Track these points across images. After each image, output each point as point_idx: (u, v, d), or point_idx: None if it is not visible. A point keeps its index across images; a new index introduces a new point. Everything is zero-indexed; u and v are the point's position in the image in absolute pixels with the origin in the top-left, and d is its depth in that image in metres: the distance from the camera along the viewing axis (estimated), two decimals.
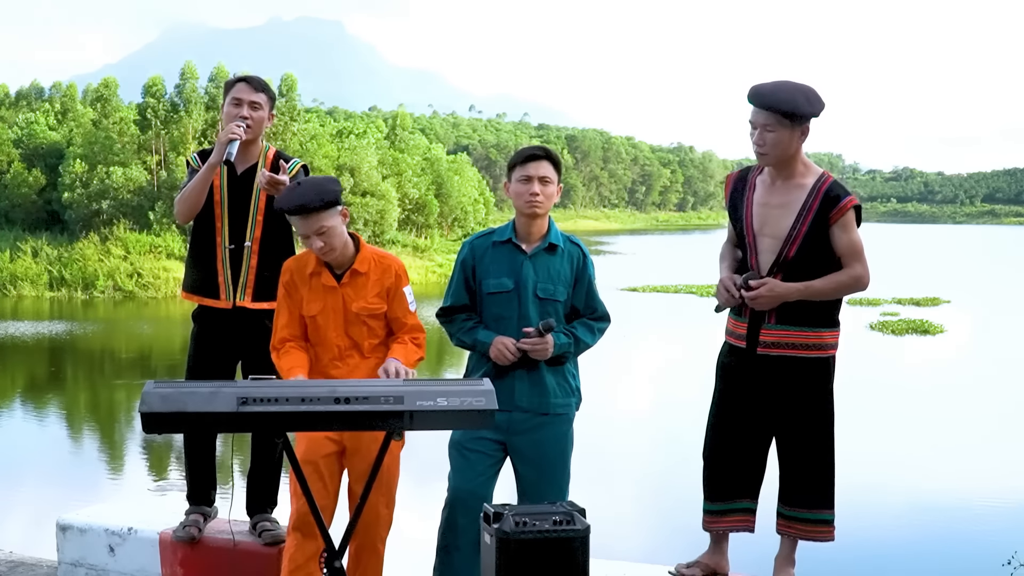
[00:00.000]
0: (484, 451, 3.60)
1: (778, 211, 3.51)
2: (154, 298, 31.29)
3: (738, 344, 3.58)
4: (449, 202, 49.75)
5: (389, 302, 3.62)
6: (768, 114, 3.43)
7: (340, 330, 3.58)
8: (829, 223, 3.45)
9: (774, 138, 3.43)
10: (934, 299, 28.93)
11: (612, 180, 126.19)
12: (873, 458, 10.94)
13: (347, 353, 3.58)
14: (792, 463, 3.57)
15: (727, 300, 3.55)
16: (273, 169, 4.10)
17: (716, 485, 3.64)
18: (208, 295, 4.11)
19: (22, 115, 45.42)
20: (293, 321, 3.61)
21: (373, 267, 3.62)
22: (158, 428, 2.80)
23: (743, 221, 3.59)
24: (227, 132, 3.92)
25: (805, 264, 3.47)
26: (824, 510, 3.56)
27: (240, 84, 4.10)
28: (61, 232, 36.39)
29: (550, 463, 3.63)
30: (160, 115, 37.35)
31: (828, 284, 3.47)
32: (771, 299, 3.46)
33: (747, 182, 3.64)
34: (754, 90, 3.49)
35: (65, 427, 13.88)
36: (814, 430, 3.53)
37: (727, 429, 3.61)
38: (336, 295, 3.58)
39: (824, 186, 3.48)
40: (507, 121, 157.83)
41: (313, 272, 3.60)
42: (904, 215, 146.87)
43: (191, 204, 4.02)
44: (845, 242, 3.47)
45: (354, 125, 50.49)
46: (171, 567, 4.10)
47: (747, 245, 3.58)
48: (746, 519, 3.64)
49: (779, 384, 3.53)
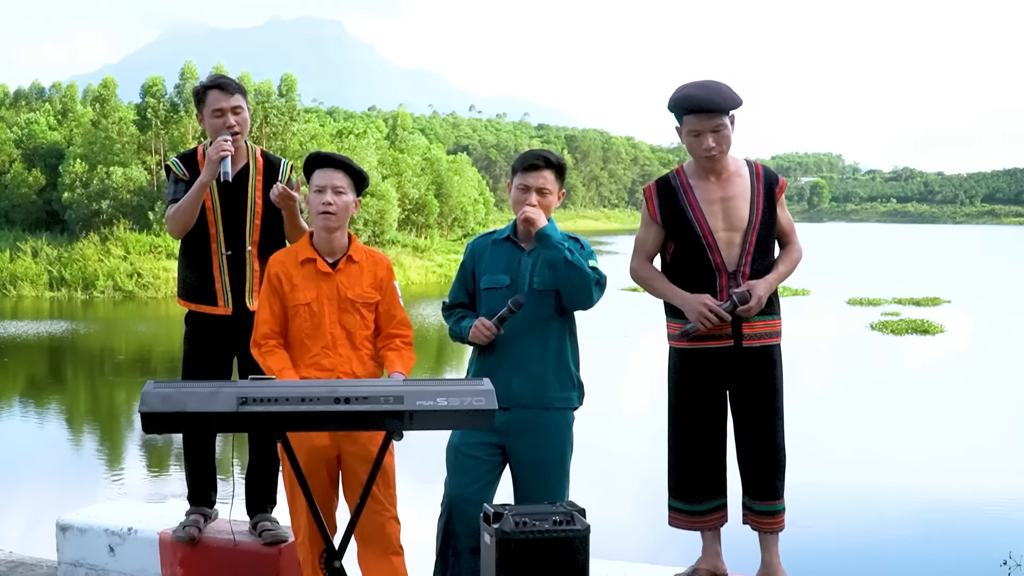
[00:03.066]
0: (482, 456, 3.55)
1: (732, 203, 3.57)
2: (154, 298, 31.30)
3: (721, 344, 3.57)
4: (449, 202, 49.77)
5: (381, 293, 3.61)
6: (715, 115, 3.49)
7: (334, 318, 3.54)
8: (774, 203, 3.61)
9: (725, 135, 3.53)
10: (934, 299, 28.91)
11: (612, 180, 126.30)
12: (872, 458, 10.94)
13: (339, 343, 3.54)
14: (752, 452, 3.63)
15: (714, 326, 3.50)
16: (268, 173, 4.10)
17: (692, 488, 3.67)
18: (205, 302, 4.09)
19: (22, 115, 45.46)
20: (274, 317, 3.56)
21: (366, 258, 3.63)
22: (158, 428, 2.80)
23: (694, 224, 3.56)
24: (216, 149, 3.86)
25: (761, 249, 3.57)
26: (779, 500, 3.63)
27: (214, 92, 4.01)
28: (61, 232, 36.41)
29: (548, 468, 3.58)
30: (160, 115, 37.38)
31: (789, 264, 3.66)
32: (768, 294, 3.54)
33: (675, 187, 3.63)
34: (683, 97, 3.52)
35: (65, 427, 13.88)
36: (775, 415, 3.61)
37: (696, 433, 3.65)
38: (331, 281, 3.55)
39: (760, 171, 3.64)
40: (507, 121, 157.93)
41: (306, 259, 3.56)
42: (904, 215, 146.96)
43: (185, 221, 3.98)
44: (786, 220, 3.68)
45: (354, 125, 50.47)
46: (171, 567, 4.10)
47: (706, 246, 3.55)
48: (723, 513, 3.72)
49: (740, 376, 3.59)
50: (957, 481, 10.34)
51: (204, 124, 4.09)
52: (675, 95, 3.56)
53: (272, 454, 4.18)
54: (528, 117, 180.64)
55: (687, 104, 3.51)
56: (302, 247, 3.60)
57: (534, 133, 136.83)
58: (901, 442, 12.00)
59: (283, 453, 3.15)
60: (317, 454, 3.50)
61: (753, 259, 3.54)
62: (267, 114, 38.69)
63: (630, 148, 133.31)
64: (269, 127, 38.82)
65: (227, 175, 3.87)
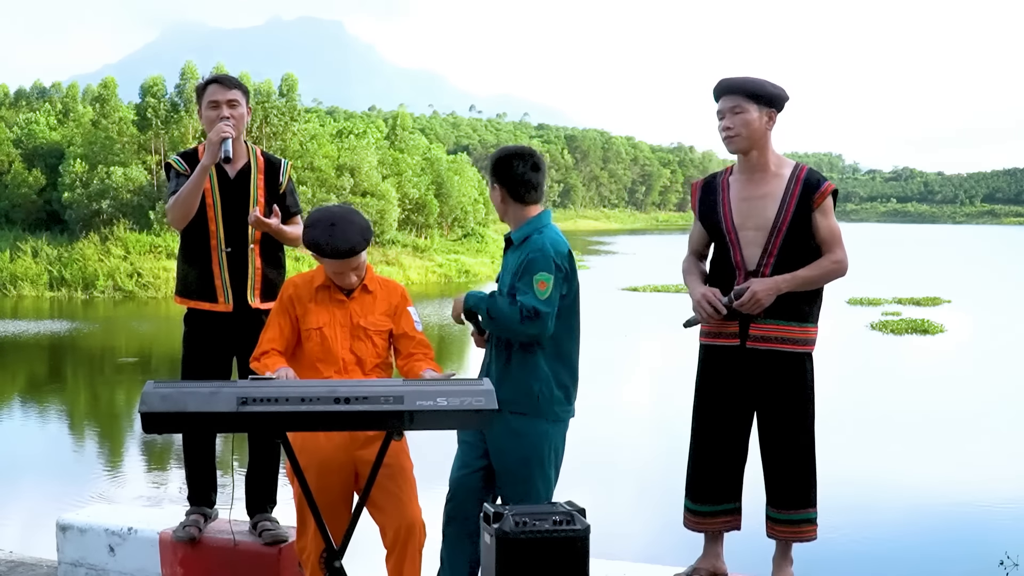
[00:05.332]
0: (469, 441, 3.63)
1: (760, 202, 3.52)
2: (154, 298, 31.27)
3: (728, 343, 3.56)
4: (449, 202, 49.71)
5: (395, 320, 3.64)
6: (736, 96, 3.51)
7: (346, 344, 3.56)
8: (811, 208, 3.49)
9: (743, 119, 3.49)
10: (934, 299, 28.90)
11: (612, 180, 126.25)
12: (872, 458, 10.94)
13: (350, 369, 3.55)
14: (773, 462, 3.57)
15: (710, 316, 3.52)
16: (270, 172, 4.10)
17: (702, 487, 3.64)
18: (205, 299, 4.09)
19: (22, 115, 45.44)
20: (280, 337, 3.57)
21: (380, 288, 3.66)
22: (158, 428, 2.80)
23: (721, 221, 3.58)
24: (217, 132, 3.89)
25: (790, 253, 3.48)
26: (805, 509, 3.56)
27: (212, 86, 4.07)
28: (61, 232, 36.38)
29: (512, 464, 3.53)
30: (160, 115, 37.37)
31: (815, 271, 3.49)
32: (767, 292, 3.43)
33: (717, 185, 3.66)
34: (720, 80, 3.61)
35: (65, 427, 13.87)
36: (797, 425, 3.54)
37: (713, 432, 3.61)
38: (344, 308, 3.58)
39: (802, 173, 3.54)
40: (507, 121, 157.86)
41: (322, 286, 3.60)
42: (904, 215, 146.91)
43: (187, 208, 3.98)
44: (826, 227, 3.51)
45: (354, 125, 50.44)
46: (171, 567, 4.10)
47: (728, 243, 3.56)
48: (735, 518, 3.66)
49: (766, 379, 3.53)
50: (956, 481, 10.34)
51: (202, 118, 4.11)
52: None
53: (272, 454, 4.18)
54: (528, 117, 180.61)
55: (714, 90, 3.59)
56: (319, 275, 3.62)
57: (534, 133, 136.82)
58: (900, 442, 12.00)
59: (284, 453, 3.15)
60: (329, 468, 3.50)
61: (777, 261, 3.48)
62: (267, 114, 38.66)
63: (630, 148, 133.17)
64: (269, 127, 38.79)
65: (227, 152, 3.86)
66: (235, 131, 3.97)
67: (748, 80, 3.54)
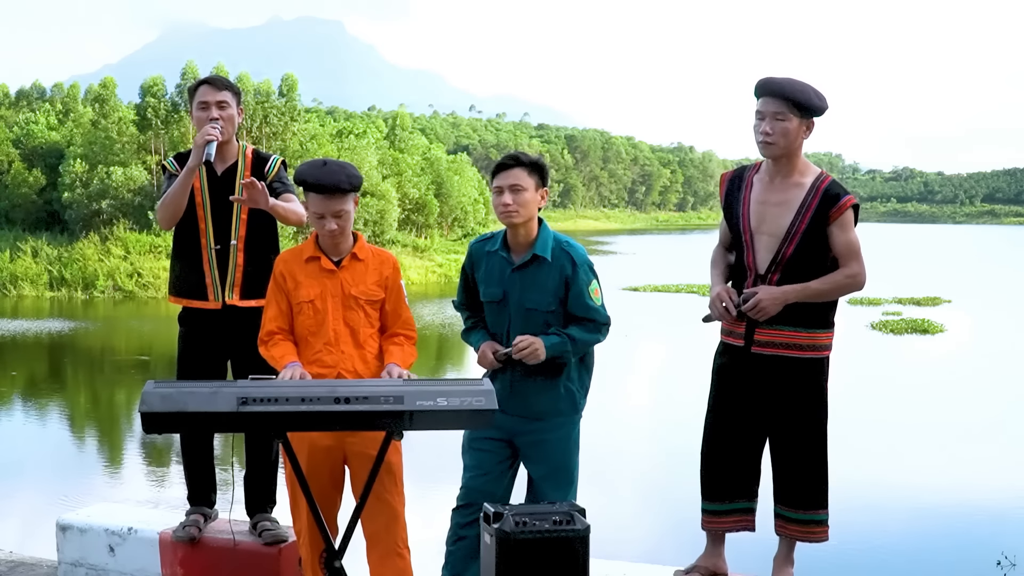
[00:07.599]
0: (491, 450, 3.60)
1: (776, 209, 3.50)
2: (154, 298, 31.25)
3: (735, 343, 3.57)
4: (449, 202, 49.72)
5: (387, 293, 3.61)
6: (780, 102, 3.43)
7: (338, 314, 3.54)
8: (828, 221, 3.45)
9: (783, 127, 3.43)
10: (934, 299, 28.92)
11: (612, 180, 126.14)
12: (871, 457, 10.93)
13: (342, 339, 3.53)
14: (785, 463, 3.56)
15: (721, 315, 3.53)
16: (256, 170, 4.11)
17: (714, 486, 3.63)
18: (196, 297, 4.12)
19: (22, 115, 45.43)
20: (281, 314, 3.57)
21: (371, 257, 3.62)
22: (158, 428, 2.81)
23: (739, 219, 3.58)
24: (202, 134, 3.91)
25: (802, 263, 3.46)
26: (817, 510, 3.55)
27: (203, 87, 4.10)
28: (61, 232, 36.38)
29: (555, 463, 3.60)
30: (160, 115, 37.36)
31: (826, 284, 3.46)
32: (772, 302, 3.42)
33: (743, 180, 3.63)
34: (765, 80, 3.51)
35: (65, 426, 13.87)
36: (806, 430, 3.53)
37: (723, 429, 3.61)
38: (335, 279, 3.55)
39: (823, 184, 3.48)
40: (507, 121, 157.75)
41: (310, 257, 3.58)
42: (904, 215, 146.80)
43: (174, 209, 4.02)
44: (843, 241, 3.46)
45: (354, 125, 50.46)
46: (171, 567, 4.10)
47: (743, 244, 3.56)
48: (746, 519, 3.64)
49: (773, 384, 3.52)
50: (955, 480, 10.34)
51: (193, 119, 4.14)
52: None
53: (271, 454, 4.18)
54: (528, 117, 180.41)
55: (758, 86, 3.53)
56: (307, 246, 3.61)
57: (534, 133, 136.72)
58: (900, 441, 12.00)
59: (284, 452, 3.15)
60: (319, 455, 3.50)
61: (785, 270, 3.46)
62: (267, 114, 38.63)
63: (630, 148, 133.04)
64: (269, 127, 38.76)
65: (210, 156, 3.88)
66: (224, 133, 3.99)
67: (795, 87, 3.45)
